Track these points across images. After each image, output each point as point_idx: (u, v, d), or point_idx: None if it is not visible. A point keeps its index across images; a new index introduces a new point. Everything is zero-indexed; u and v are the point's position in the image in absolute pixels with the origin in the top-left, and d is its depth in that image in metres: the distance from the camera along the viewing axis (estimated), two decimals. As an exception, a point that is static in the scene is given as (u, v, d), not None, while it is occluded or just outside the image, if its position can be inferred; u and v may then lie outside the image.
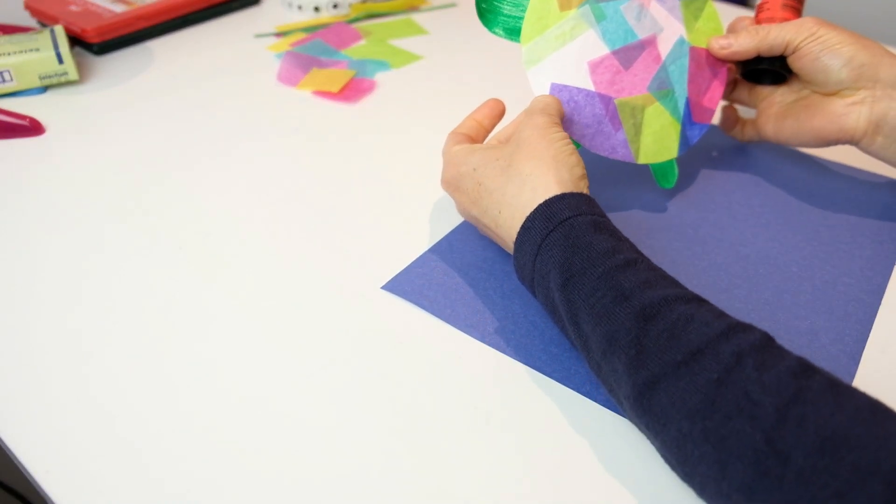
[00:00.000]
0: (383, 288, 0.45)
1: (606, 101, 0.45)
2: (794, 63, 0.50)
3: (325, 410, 0.38)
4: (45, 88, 0.67)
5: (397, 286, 0.45)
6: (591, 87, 0.46)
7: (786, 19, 0.52)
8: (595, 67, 0.46)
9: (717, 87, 0.50)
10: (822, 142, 0.51)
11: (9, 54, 0.64)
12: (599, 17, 0.47)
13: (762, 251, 0.49)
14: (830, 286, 0.46)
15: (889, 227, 0.51)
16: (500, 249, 0.48)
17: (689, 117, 0.48)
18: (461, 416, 0.38)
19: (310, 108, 0.65)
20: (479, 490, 0.34)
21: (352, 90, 0.67)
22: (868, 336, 0.43)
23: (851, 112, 0.49)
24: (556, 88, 0.45)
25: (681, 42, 0.49)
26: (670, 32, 0.49)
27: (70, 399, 0.38)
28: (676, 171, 0.46)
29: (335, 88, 0.67)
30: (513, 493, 0.34)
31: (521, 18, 0.46)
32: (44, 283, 0.46)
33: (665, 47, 0.49)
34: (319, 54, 0.73)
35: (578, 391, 0.39)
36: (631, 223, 0.50)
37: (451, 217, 0.51)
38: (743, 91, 0.56)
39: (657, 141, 0.46)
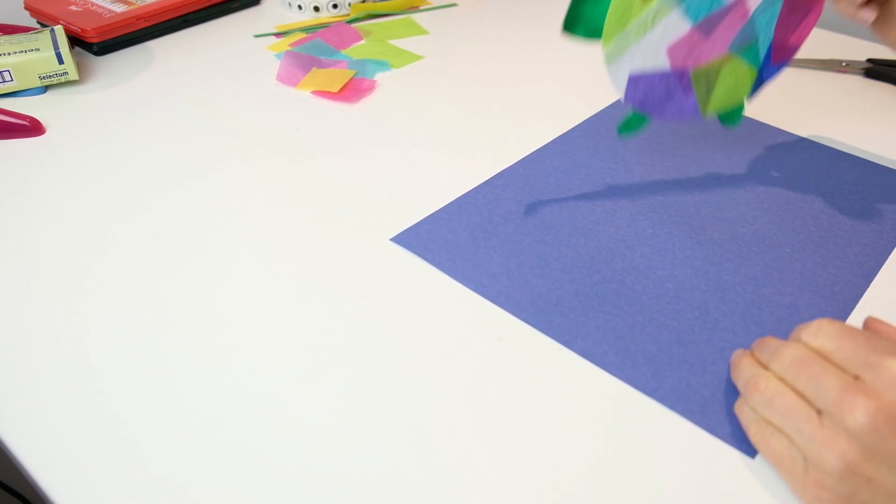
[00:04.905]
0: (392, 240, 0.49)
1: (680, 74, 0.45)
2: None
3: (332, 414, 0.38)
4: (45, 88, 0.67)
5: (405, 239, 0.49)
6: (666, 66, 0.44)
7: None
8: (674, 49, 0.45)
9: (809, 23, 0.47)
10: None
11: (9, 54, 0.64)
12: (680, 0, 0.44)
13: (759, 232, 0.50)
14: (821, 267, 0.47)
15: (892, 218, 0.51)
16: (505, 214, 0.50)
17: (768, 60, 0.47)
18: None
19: (309, 108, 0.65)
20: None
21: (352, 90, 0.67)
22: (849, 315, 0.44)
23: None
24: (633, 80, 0.44)
25: None
26: None
27: (70, 399, 0.38)
28: (743, 110, 0.44)
29: (335, 88, 0.67)
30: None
31: (602, 18, 0.44)
32: (44, 283, 0.46)
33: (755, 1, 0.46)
34: (319, 54, 0.73)
35: (558, 340, 0.42)
36: (634, 198, 0.51)
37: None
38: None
39: (728, 91, 0.45)
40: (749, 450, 0.36)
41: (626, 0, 0.44)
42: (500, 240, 0.49)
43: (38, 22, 0.77)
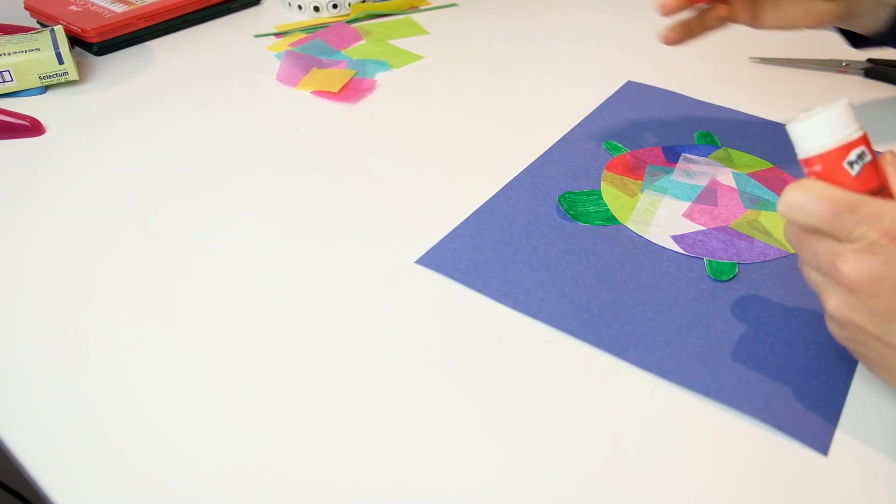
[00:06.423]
0: (417, 262, 0.47)
1: (722, 229, 0.49)
2: None
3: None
4: (45, 88, 0.67)
5: (430, 260, 0.47)
6: (700, 228, 0.50)
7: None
8: (691, 215, 0.51)
9: (791, 180, 0.52)
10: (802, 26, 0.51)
11: (9, 54, 0.64)
12: (663, 191, 0.53)
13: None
14: None
15: None
16: (525, 225, 0.50)
17: None
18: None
19: (309, 108, 0.65)
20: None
21: (352, 90, 0.67)
22: None
23: None
24: (677, 238, 0.48)
25: (737, 174, 0.55)
26: (721, 173, 0.55)
27: (70, 399, 0.38)
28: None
29: (335, 88, 0.67)
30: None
31: (608, 211, 0.51)
32: (43, 284, 0.46)
33: (728, 181, 0.54)
34: (319, 54, 0.73)
35: (609, 352, 0.41)
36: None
37: (451, 219, 0.51)
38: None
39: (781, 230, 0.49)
40: (820, 446, 0.35)
41: (616, 197, 0.52)
42: (526, 253, 0.47)
43: (38, 22, 0.77)
